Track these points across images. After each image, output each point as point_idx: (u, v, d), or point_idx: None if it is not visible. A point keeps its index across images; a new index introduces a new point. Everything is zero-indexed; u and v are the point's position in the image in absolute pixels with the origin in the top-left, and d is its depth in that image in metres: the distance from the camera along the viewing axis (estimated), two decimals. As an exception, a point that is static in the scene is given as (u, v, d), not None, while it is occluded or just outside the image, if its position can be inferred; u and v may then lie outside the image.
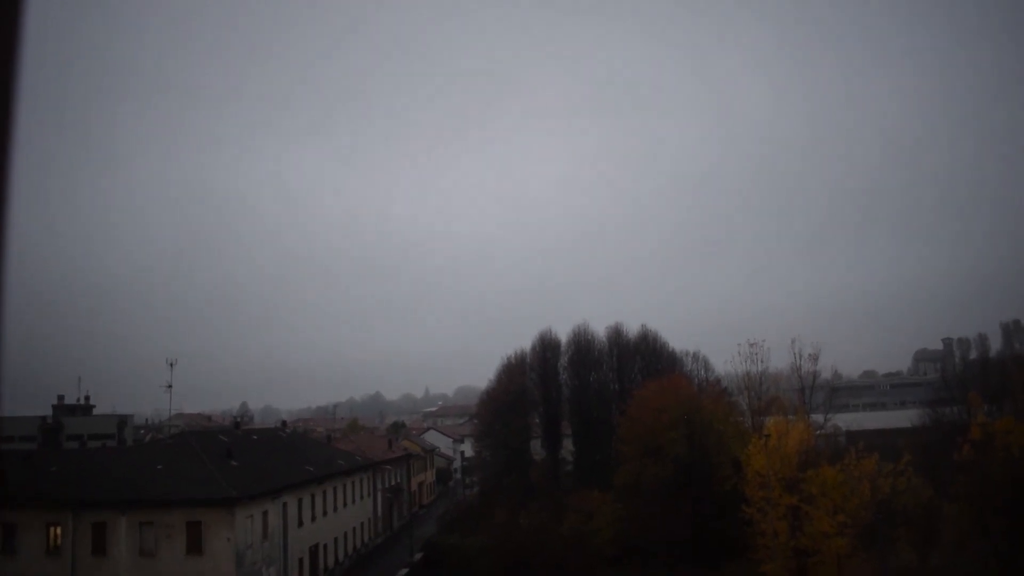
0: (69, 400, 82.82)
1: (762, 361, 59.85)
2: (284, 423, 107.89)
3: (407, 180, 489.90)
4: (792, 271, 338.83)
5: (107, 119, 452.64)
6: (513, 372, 79.93)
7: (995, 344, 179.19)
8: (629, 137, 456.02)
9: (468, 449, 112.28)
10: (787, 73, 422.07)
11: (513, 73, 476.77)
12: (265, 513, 49.41)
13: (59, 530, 45.82)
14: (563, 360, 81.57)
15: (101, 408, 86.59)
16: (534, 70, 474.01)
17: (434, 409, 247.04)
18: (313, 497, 58.85)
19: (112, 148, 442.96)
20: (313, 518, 58.33)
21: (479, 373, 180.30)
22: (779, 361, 64.94)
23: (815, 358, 59.61)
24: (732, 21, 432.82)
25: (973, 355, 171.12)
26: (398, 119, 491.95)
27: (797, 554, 45.23)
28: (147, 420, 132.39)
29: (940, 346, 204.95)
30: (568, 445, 79.84)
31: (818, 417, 60.87)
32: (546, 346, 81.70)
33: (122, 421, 79.77)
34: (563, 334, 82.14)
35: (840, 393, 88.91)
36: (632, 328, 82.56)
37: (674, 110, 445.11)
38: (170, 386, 78.00)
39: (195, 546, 44.79)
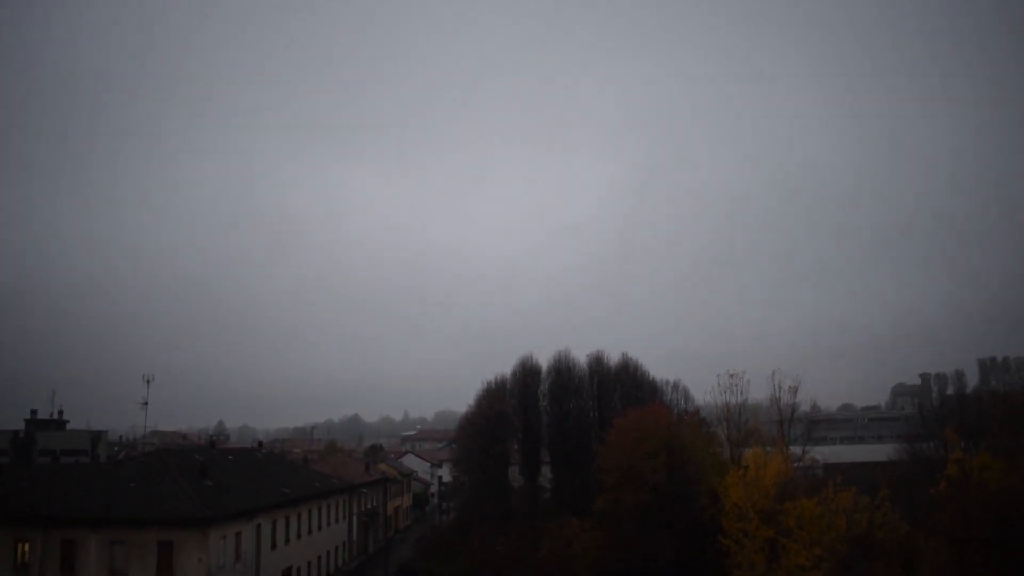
0: (42, 414, 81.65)
1: (742, 392, 60.02)
2: (261, 443, 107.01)
3: (404, 208, 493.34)
4: (773, 305, 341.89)
5: (96, 129, 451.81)
6: (493, 398, 79.55)
7: (972, 380, 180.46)
8: (630, 170, 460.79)
9: (446, 474, 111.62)
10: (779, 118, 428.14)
11: (529, 105, 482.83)
12: (239, 534, 48.82)
13: (27, 547, 45.07)
14: (543, 387, 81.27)
15: (75, 423, 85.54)
16: (550, 102, 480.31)
17: (413, 433, 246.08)
18: (288, 519, 58.22)
19: (96, 159, 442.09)
20: (287, 540, 57.67)
21: (459, 397, 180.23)
22: (758, 393, 65.17)
23: (794, 390, 59.77)
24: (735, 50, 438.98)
25: (950, 391, 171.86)
26: (389, 138, 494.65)
27: (773, 586, 45.07)
28: (122, 437, 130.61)
29: (918, 381, 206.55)
30: (547, 472, 79.40)
31: (796, 449, 60.86)
32: (527, 372, 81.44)
33: (96, 437, 78.51)
34: (544, 361, 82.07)
35: (819, 426, 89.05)
36: (613, 356, 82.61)
37: (677, 147, 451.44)
38: (146, 403, 77.25)
39: (166, 566, 44.13)
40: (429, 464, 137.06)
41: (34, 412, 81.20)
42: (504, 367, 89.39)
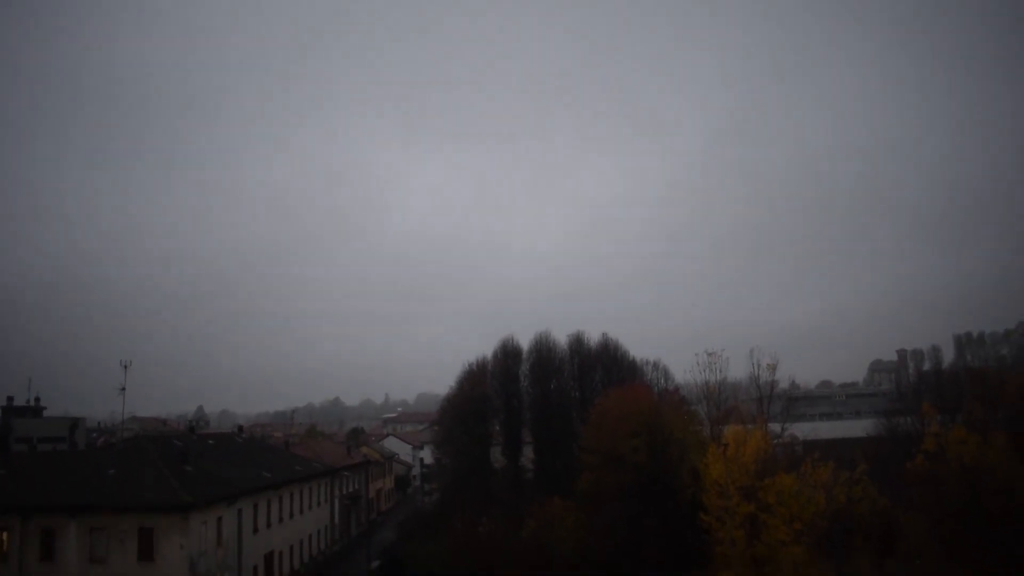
0: (19, 401, 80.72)
1: (721, 371, 60.04)
2: (241, 428, 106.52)
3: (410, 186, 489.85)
4: (751, 284, 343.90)
5: (106, 122, 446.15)
6: (474, 379, 79.44)
7: (948, 356, 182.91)
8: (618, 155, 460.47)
9: (428, 456, 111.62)
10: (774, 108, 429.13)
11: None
12: (220, 519, 48.61)
13: (6, 535, 44.72)
14: (524, 367, 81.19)
15: (52, 410, 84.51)
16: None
17: (394, 415, 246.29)
18: (269, 503, 58.08)
19: (82, 143, 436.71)
20: (269, 524, 57.55)
21: (440, 380, 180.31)
22: (738, 371, 65.45)
23: (773, 368, 59.84)
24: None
25: (927, 366, 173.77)
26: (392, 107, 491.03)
27: (754, 562, 45.43)
28: (100, 423, 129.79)
29: (895, 357, 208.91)
30: (529, 453, 79.52)
31: (776, 426, 61.21)
32: (507, 353, 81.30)
33: (74, 424, 77.67)
34: (525, 342, 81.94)
35: (797, 403, 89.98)
36: (593, 336, 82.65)
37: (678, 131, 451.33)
38: (124, 389, 76.34)
39: (147, 552, 43.91)
40: (411, 446, 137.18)
41: (10, 399, 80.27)
42: (485, 348, 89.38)
